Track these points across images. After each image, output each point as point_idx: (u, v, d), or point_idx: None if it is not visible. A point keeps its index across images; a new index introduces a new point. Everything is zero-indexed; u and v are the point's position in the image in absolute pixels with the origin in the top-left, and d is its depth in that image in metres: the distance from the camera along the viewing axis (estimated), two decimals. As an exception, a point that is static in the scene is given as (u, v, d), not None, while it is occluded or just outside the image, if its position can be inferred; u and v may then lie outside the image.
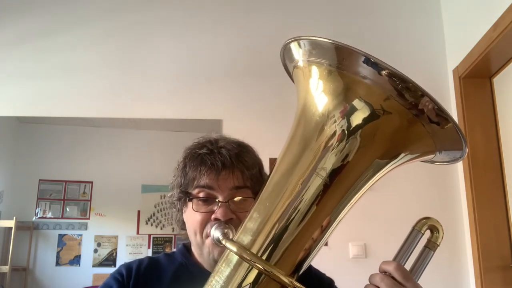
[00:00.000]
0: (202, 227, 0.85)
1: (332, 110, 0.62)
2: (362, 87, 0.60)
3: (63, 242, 4.86)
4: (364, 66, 0.58)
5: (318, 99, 0.64)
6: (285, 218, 0.62)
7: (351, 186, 0.63)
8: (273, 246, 0.61)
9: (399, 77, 0.56)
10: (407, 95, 0.57)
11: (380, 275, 0.66)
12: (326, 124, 0.62)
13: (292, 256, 0.62)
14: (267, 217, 0.63)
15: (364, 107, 0.60)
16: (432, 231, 0.71)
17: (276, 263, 0.61)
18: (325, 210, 0.63)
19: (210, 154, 0.87)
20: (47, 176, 4.90)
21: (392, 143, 0.63)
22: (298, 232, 0.62)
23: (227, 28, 2.52)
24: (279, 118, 2.33)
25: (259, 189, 0.89)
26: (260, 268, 0.59)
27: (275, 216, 0.63)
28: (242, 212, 0.85)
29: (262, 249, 0.62)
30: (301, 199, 0.62)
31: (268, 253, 0.61)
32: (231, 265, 0.63)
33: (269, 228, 0.63)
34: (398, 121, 0.60)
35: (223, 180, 0.85)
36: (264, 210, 0.65)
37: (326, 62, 0.62)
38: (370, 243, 2.19)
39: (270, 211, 0.64)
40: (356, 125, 0.60)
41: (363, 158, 0.62)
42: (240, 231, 0.67)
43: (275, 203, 0.64)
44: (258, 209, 0.66)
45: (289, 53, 0.67)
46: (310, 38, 0.62)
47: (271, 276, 0.59)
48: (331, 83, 0.63)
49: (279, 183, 0.66)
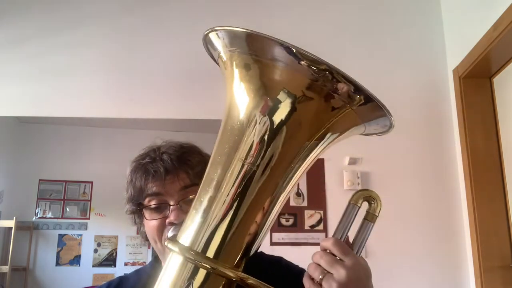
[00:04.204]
0: (159, 233, 0.85)
1: (258, 102, 0.63)
2: (281, 74, 0.60)
3: (63, 242, 4.86)
4: (279, 53, 0.58)
5: (241, 90, 0.65)
6: (218, 210, 0.62)
7: (283, 171, 0.63)
8: (213, 241, 0.61)
9: (305, 57, 0.56)
10: (313, 71, 0.57)
11: (320, 252, 0.65)
12: (252, 114, 0.62)
13: (234, 248, 0.62)
14: (204, 213, 0.63)
15: (286, 95, 0.60)
16: (370, 203, 0.69)
17: (220, 257, 0.60)
18: (264, 196, 0.62)
19: (153, 162, 0.87)
20: (47, 176, 4.90)
21: (318, 125, 0.62)
22: (234, 222, 0.61)
23: (227, 28, 2.52)
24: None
25: None
26: (205, 266, 0.59)
27: (209, 210, 0.63)
28: None
29: (202, 245, 0.61)
30: (231, 188, 0.61)
31: (209, 248, 0.61)
32: (175, 267, 0.62)
33: (206, 223, 0.62)
34: (316, 103, 0.60)
35: (169, 184, 0.85)
36: (199, 206, 0.64)
37: (238, 50, 0.63)
38: (370, 243, 2.19)
39: (205, 205, 0.63)
40: (281, 115, 0.60)
41: (288, 144, 0.62)
42: (181, 230, 0.66)
43: (207, 196, 0.64)
44: (195, 207, 0.65)
45: (210, 43, 0.69)
46: (225, 28, 0.63)
47: (216, 273, 0.59)
48: (252, 73, 0.63)
49: (209, 177, 0.66)
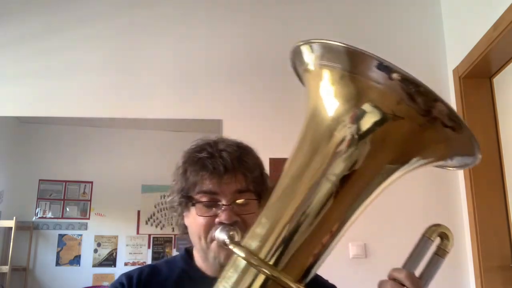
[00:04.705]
0: (206, 231, 0.85)
1: (342, 115, 0.61)
2: (374, 91, 0.58)
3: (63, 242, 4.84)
4: (375, 70, 0.57)
5: (328, 103, 0.63)
6: (293, 224, 0.61)
7: (361, 192, 0.62)
8: (281, 252, 0.61)
9: (411, 81, 0.55)
10: (420, 99, 0.56)
11: (390, 282, 0.66)
12: (336, 129, 0.61)
13: (300, 262, 0.62)
14: (276, 223, 0.63)
15: (375, 111, 0.59)
16: (442, 238, 0.70)
17: (283, 269, 0.60)
18: (334, 216, 0.62)
19: (211, 158, 0.86)
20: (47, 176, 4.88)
21: (404, 149, 0.62)
22: (306, 238, 0.61)
23: (227, 28, 2.52)
24: (279, 118, 2.33)
25: (261, 190, 0.88)
26: (268, 273, 0.58)
27: (283, 221, 0.62)
28: (245, 214, 0.84)
29: (270, 254, 0.61)
30: (310, 205, 0.61)
31: (275, 258, 0.61)
32: (238, 270, 0.62)
33: (277, 233, 0.62)
34: (410, 126, 0.59)
35: (226, 184, 0.85)
36: (272, 216, 0.64)
37: (338, 66, 0.61)
38: (370, 243, 2.19)
39: (279, 216, 0.63)
40: (367, 130, 0.59)
41: (373, 164, 0.61)
42: (248, 236, 0.66)
43: (284, 208, 0.63)
44: (266, 215, 0.65)
45: (299, 56, 0.66)
46: (322, 42, 0.61)
47: (278, 282, 0.58)
48: (342, 87, 0.62)
49: (288, 188, 0.65)
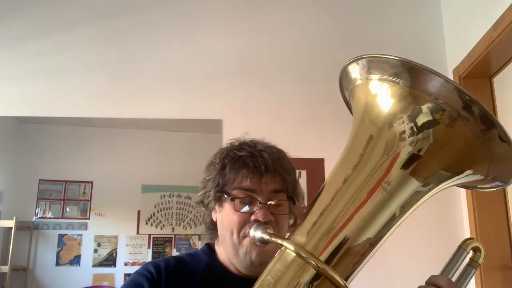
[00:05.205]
0: (240, 227, 0.87)
1: (400, 115, 0.63)
2: (431, 105, 0.61)
3: (63, 242, 4.85)
4: (434, 86, 0.60)
5: (383, 112, 0.65)
6: (345, 226, 0.63)
7: (410, 201, 0.65)
8: (333, 251, 0.63)
9: (474, 101, 0.60)
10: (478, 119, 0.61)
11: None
12: (395, 141, 0.63)
13: (347, 264, 0.64)
14: (326, 221, 0.65)
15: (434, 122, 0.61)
16: (475, 251, 0.77)
17: (333, 266, 0.61)
18: (384, 222, 0.64)
19: (252, 156, 0.89)
20: (47, 176, 4.89)
21: (454, 159, 0.65)
22: (356, 240, 0.63)
23: (228, 27, 2.52)
24: (279, 118, 2.33)
25: (293, 193, 0.92)
26: (317, 266, 0.60)
27: (334, 221, 0.64)
28: (278, 214, 0.88)
29: (319, 250, 0.63)
30: (364, 210, 0.63)
31: (325, 256, 0.63)
32: (286, 263, 0.63)
33: (327, 231, 0.64)
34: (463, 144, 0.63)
35: (264, 183, 0.88)
36: (323, 214, 0.66)
37: (399, 81, 0.63)
38: (370, 243, 2.19)
39: (330, 216, 0.65)
40: (424, 142, 0.62)
41: (426, 170, 0.63)
42: (297, 232, 0.68)
43: (336, 209, 0.65)
44: (316, 212, 0.68)
45: (348, 75, 0.69)
46: (379, 56, 0.63)
47: (327, 277, 0.59)
48: (400, 99, 0.64)
49: (341, 190, 0.67)
